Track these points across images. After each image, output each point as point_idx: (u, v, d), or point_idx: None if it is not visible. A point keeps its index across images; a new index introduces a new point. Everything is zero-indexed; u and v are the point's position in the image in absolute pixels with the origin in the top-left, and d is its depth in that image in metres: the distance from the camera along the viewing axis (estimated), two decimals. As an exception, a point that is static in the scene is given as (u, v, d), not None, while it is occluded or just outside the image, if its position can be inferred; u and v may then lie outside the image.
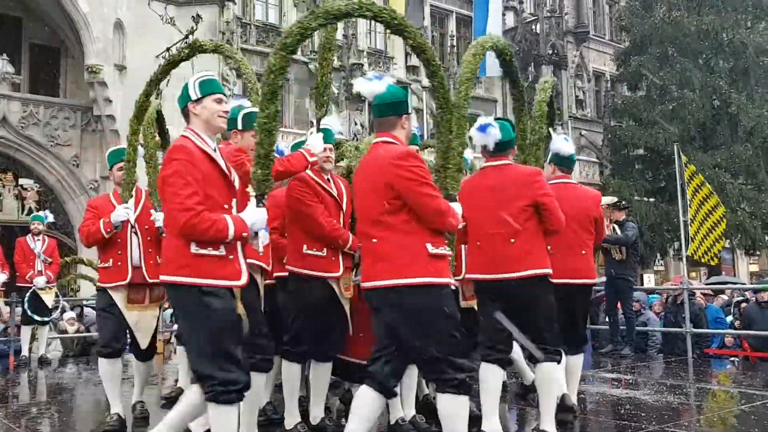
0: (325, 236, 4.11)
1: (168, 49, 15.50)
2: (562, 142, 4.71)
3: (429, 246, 3.18)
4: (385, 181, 3.19)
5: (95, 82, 15.95)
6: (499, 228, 3.88)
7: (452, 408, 3.14)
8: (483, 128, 4.04)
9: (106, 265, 4.66)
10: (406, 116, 3.41)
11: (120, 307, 4.58)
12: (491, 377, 3.90)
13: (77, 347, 10.46)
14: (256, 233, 3.17)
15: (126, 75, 16.08)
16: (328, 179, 4.30)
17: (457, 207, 3.43)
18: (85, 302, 11.60)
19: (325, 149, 4.19)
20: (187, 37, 15.20)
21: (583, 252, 4.55)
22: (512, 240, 3.85)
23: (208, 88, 3.21)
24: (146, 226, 4.69)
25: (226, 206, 3.13)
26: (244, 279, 3.11)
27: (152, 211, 4.62)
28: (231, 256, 3.08)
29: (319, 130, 4.24)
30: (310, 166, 4.10)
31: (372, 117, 3.57)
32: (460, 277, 4.48)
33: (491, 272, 3.90)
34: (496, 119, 4.17)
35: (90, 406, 6.08)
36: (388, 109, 3.38)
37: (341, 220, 4.25)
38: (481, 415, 3.93)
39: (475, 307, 4.34)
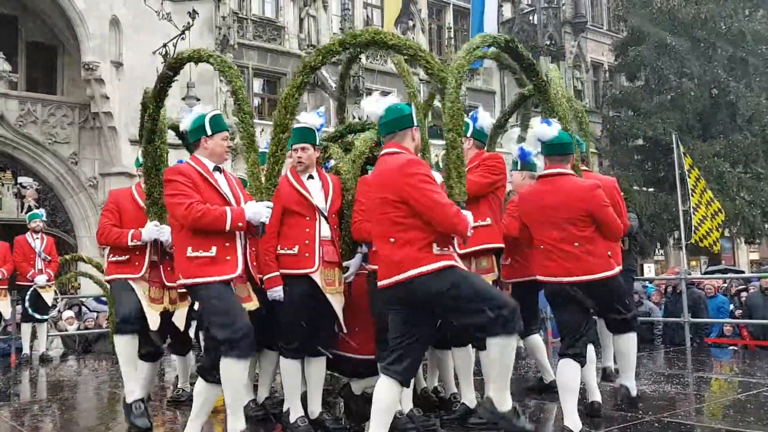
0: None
1: (165, 45, 15.46)
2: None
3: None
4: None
5: (92, 79, 15.90)
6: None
7: (497, 350, 3.34)
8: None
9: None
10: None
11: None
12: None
13: (79, 346, 10.48)
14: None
15: (123, 71, 16.03)
16: (311, 176, 4.33)
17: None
18: (84, 300, 11.61)
19: (296, 149, 4.32)
20: (183, 32, 15.16)
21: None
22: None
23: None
24: None
25: None
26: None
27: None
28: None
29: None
30: None
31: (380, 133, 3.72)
32: None
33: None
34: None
35: (91, 404, 6.11)
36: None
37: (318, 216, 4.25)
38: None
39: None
